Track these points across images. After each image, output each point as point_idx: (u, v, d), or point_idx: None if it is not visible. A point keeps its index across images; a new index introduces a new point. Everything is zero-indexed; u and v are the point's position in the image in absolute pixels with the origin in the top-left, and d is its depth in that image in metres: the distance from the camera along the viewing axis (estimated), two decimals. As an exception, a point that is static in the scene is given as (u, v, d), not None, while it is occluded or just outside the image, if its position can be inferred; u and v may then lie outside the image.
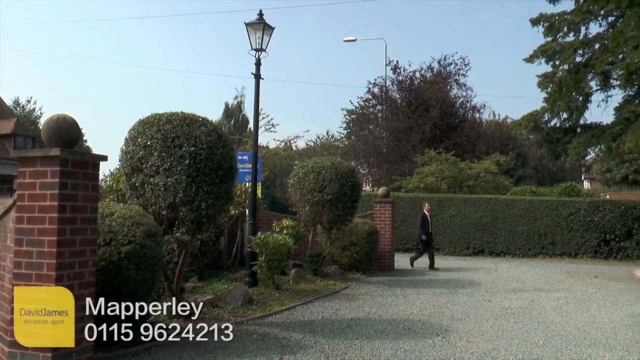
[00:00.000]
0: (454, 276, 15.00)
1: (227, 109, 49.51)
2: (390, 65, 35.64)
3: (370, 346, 6.81)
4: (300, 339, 7.11)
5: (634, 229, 21.31)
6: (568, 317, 9.18)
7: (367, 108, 37.70)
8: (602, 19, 16.41)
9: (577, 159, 16.95)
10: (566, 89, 15.95)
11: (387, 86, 35.72)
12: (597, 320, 8.98)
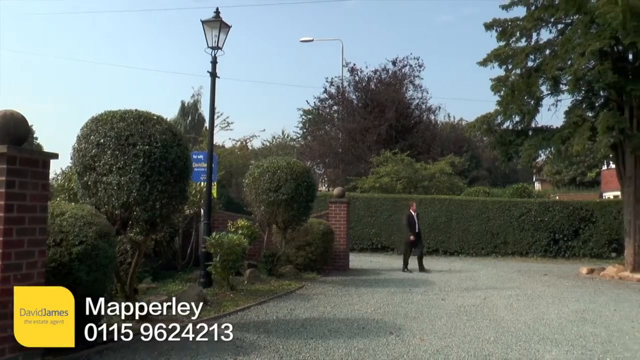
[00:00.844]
0: (409, 275, 15.17)
1: (183, 107, 48.93)
2: (347, 66, 35.88)
3: (324, 346, 6.82)
4: (255, 339, 7.07)
5: (580, 229, 22.03)
6: (518, 314, 9.41)
7: (324, 108, 37.82)
8: (552, 26, 16.78)
9: (528, 161, 17.29)
10: (518, 93, 16.24)
11: (343, 87, 35.97)
12: (545, 317, 9.23)
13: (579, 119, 15.66)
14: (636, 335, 7.97)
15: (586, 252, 21.88)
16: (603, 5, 13.57)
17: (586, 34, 14.73)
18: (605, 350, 7.03)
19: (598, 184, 40.59)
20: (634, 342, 7.56)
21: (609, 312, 9.96)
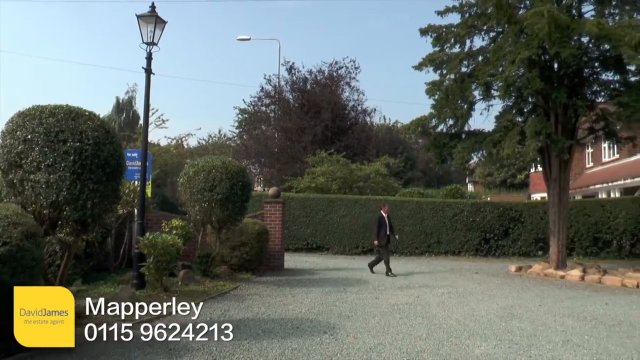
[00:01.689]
0: (343, 275, 15.29)
1: (117, 103, 47.69)
2: (285, 65, 35.97)
3: (258, 346, 6.80)
4: (188, 341, 6.90)
5: (510, 229, 22.88)
6: (450, 311, 9.68)
7: (260, 107, 37.73)
8: (484, 33, 17.23)
9: (461, 163, 17.70)
10: (452, 97, 16.63)
11: (280, 86, 35.99)
12: (475, 313, 9.55)
13: (509, 124, 16.20)
14: (558, 329, 8.38)
15: (515, 250, 22.73)
16: (531, 17, 14.13)
17: (516, 43, 15.27)
18: (531, 343, 7.34)
19: (527, 185, 41.94)
20: (556, 334, 7.94)
21: (534, 307, 10.41)
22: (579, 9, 16.33)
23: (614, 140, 18.29)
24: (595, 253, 22.37)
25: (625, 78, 16.17)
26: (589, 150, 33.83)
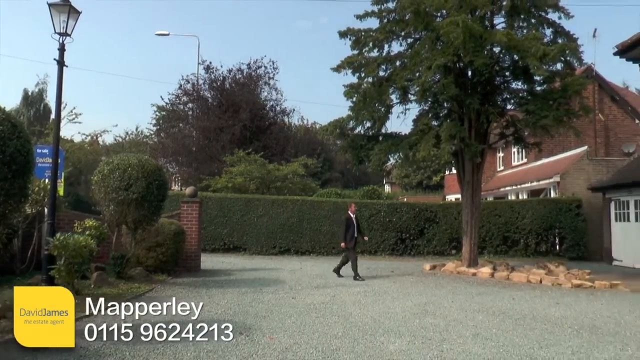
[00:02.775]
0: (260, 275, 15.26)
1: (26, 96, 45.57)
2: (203, 64, 35.57)
3: (172, 350, 6.69)
4: (100, 347, 6.69)
5: (425, 229, 23.58)
6: (366, 310, 9.88)
7: (178, 105, 37.12)
8: (402, 39, 17.55)
9: (378, 165, 17.99)
10: (370, 100, 16.91)
11: (199, 84, 35.55)
12: (390, 311, 9.80)
13: (425, 127, 16.66)
14: (469, 324, 8.77)
15: (430, 249, 23.43)
16: (447, 25, 14.61)
17: (433, 50, 15.75)
18: (443, 338, 7.63)
19: (442, 187, 43.18)
20: (467, 329, 8.30)
21: (447, 304, 10.82)
22: (492, 20, 17.01)
23: (522, 145, 19.26)
24: (505, 251, 23.43)
25: (532, 87, 17.06)
26: (500, 154, 35.32)
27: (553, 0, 16.04)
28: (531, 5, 16.09)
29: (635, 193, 19.18)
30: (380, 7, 17.18)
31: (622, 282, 14.46)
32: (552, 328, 8.65)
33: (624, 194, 20.65)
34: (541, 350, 7.11)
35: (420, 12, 15.62)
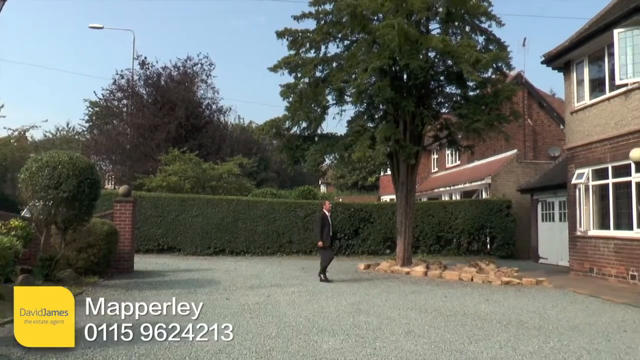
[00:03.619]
0: (195, 276, 15.06)
1: (-56, 88, 43.60)
2: (138, 59, 34.84)
3: (103, 355, 6.50)
4: (23, 355, 6.27)
5: (360, 228, 23.87)
6: (300, 309, 9.90)
7: (112, 101, 36.22)
8: (339, 41, 17.71)
9: (314, 165, 18.07)
10: (306, 101, 16.97)
11: (134, 80, 34.79)
12: (324, 310, 9.87)
13: (360, 129, 16.87)
14: (402, 321, 8.94)
15: (365, 249, 23.74)
16: (383, 28, 14.84)
17: (369, 52, 15.95)
18: (376, 336, 7.75)
19: (377, 188, 43.64)
20: (400, 327, 8.46)
21: (380, 302, 10.98)
22: (427, 25, 17.36)
23: (455, 147, 19.79)
24: (438, 250, 24.02)
25: (465, 92, 17.56)
26: (435, 156, 36.10)
27: (485, 9, 16.53)
28: (465, 12, 16.52)
29: (560, 194, 20.00)
30: (318, 9, 17.26)
31: (546, 279, 15.12)
32: (482, 324, 8.94)
33: (550, 195, 21.53)
34: (471, 345, 7.33)
35: (357, 15, 15.77)
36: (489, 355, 6.86)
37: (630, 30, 14.21)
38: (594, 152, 16.00)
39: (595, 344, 7.65)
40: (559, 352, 7.11)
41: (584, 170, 16.44)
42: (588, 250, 16.33)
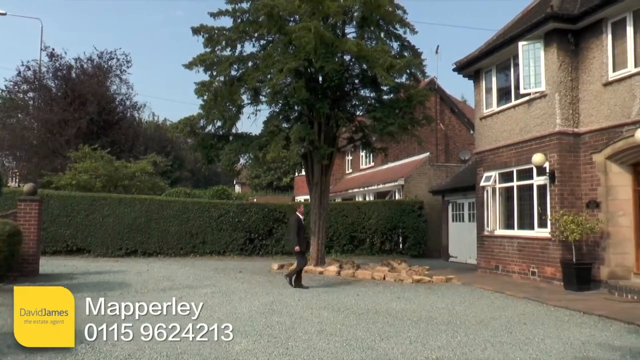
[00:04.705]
0: (105, 279, 14.61)
1: None
2: (46, 50, 33.37)
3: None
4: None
5: (274, 229, 23.89)
6: (212, 311, 9.77)
7: (17, 94, 34.39)
8: (255, 40, 17.65)
9: (228, 165, 17.92)
10: (221, 99, 16.79)
11: (41, 72, 33.25)
12: (237, 311, 9.82)
13: (275, 129, 16.87)
14: (314, 320, 9.03)
15: (279, 249, 23.76)
16: (299, 30, 14.92)
17: (285, 53, 15.99)
18: (289, 336, 7.80)
19: (292, 188, 43.88)
20: (312, 326, 8.56)
21: (293, 303, 11.04)
22: (343, 29, 17.57)
23: (369, 149, 20.15)
24: (351, 250, 24.39)
25: (379, 95, 17.93)
26: (349, 157, 36.67)
27: (399, 16, 16.94)
28: (380, 18, 16.85)
29: (469, 196, 20.81)
30: (235, 7, 17.13)
31: (455, 277, 15.71)
32: (393, 321, 9.17)
33: (460, 197, 22.36)
34: (382, 342, 7.50)
35: (274, 15, 15.79)
36: (399, 351, 7.05)
37: (533, 43, 15.03)
38: (501, 156, 16.75)
39: (499, 337, 8.07)
40: (466, 346, 7.42)
41: (491, 173, 17.17)
42: (494, 248, 17.08)
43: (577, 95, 14.57)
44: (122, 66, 35.27)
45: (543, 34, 14.85)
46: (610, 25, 13.70)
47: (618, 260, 13.52)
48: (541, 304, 11.47)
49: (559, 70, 14.53)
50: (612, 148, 13.52)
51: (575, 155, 14.48)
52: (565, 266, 13.69)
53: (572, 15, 14.22)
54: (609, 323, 9.41)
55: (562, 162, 14.41)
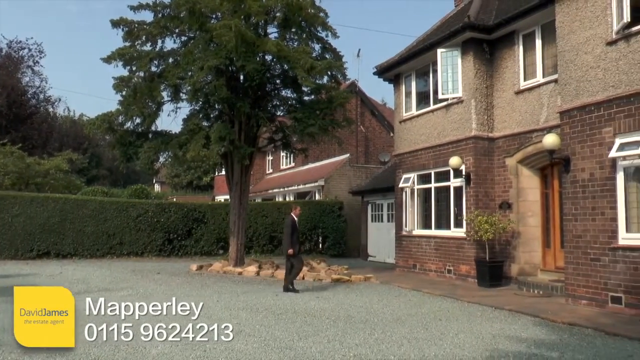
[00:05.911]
0: (13, 282, 13.79)
1: None
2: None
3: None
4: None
5: (193, 229, 23.59)
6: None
7: None
8: (177, 36, 17.38)
9: (147, 163, 17.59)
10: (140, 95, 16.42)
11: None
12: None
13: (195, 127, 16.65)
14: (233, 322, 8.88)
15: (198, 250, 23.50)
16: (220, 28, 14.80)
17: (206, 50, 15.79)
18: (207, 338, 7.67)
19: (212, 187, 43.45)
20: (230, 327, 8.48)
21: (212, 304, 10.88)
22: (265, 29, 17.49)
23: (290, 150, 20.19)
24: (271, 250, 24.40)
25: (300, 96, 18.00)
26: (270, 157, 36.61)
27: (322, 19, 17.06)
28: (302, 20, 16.91)
29: (389, 197, 21.24)
30: (156, 1, 16.80)
31: (374, 276, 15.99)
32: (312, 320, 9.24)
33: (379, 197, 22.78)
34: (300, 342, 7.54)
35: (195, 12, 15.59)
36: (317, 350, 7.11)
37: (451, 50, 15.54)
38: (419, 158, 17.18)
39: (415, 333, 8.28)
40: (383, 343, 7.57)
41: (410, 175, 17.58)
42: (412, 248, 17.50)
43: (492, 101, 15.18)
44: (35, 57, 33.89)
45: (460, 42, 15.37)
46: (522, 37, 14.42)
47: (527, 258, 14.22)
48: (456, 300, 11.88)
49: (475, 77, 15.07)
50: (523, 152, 14.19)
51: (489, 159, 15.08)
52: (479, 264, 14.23)
53: (488, 25, 14.82)
54: (517, 317, 9.89)
55: (478, 165, 14.96)
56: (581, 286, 10.71)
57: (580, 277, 10.72)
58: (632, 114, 9.84)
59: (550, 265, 13.96)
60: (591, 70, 10.73)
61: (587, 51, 10.84)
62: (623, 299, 9.87)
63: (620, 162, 10.09)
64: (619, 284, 9.95)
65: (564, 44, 11.43)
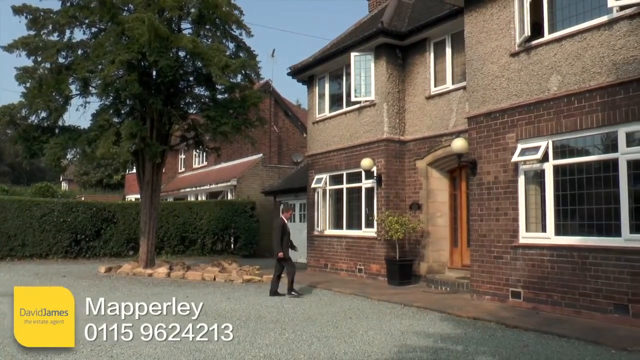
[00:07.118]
0: None
1: None
2: None
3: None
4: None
5: (102, 229, 22.85)
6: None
7: None
8: (86, 27, 16.79)
9: (53, 160, 16.83)
10: (47, 88, 15.76)
11: None
12: (58, 319, 9.29)
13: (105, 123, 16.13)
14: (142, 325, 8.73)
15: (107, 251, 22.81)
16: (132, 21, 14.44)
17: (117, 44, 15.34)
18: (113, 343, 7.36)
19: (123, 186, 42.31)
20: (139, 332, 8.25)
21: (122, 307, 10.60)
22: (179, 25, 17.18)
23: (202, 148, 19.94)
24: (182, 251, 24.03)
25: (214, 95, 17.77)
26: (182, 156, 36.01)
27: (236, 17, 16.98)
28: (217, 17, 16.75)
29: (301, 197, 21.36)
30: (64, -11, 16.16)
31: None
32: (222, 321, 9.12)
33: (292, 197, 22.87)
34: (210, 344, 7.45)
35: (107, 3, 15.17)
36: (227, 352, 7.09)
37: (364, 54, 15.85)
38: (332, 159, 17.40)
39: (325, 331, 8.43)
40: (293, 342, 7.64)
41: (322, 175, 17.77)
42: (324, 248, 17.71)
43: (404, 106, 15.60)
44: None
45: (374, 46, 15.71)
46: (433, 44, 14.95)
47: (435, 257, 14.73)
48: (366, 298, 12.15)
49: (388, 81, 15.43)
50: (432, 155, 14.68)
51: (400, 161, 15.49)
52: (389, 263, 14.59)
53: (400, 32, 15.25)
54: (425, 313, 10.27)
55: (389, 167, 15.32)
56: (485, 282, 11.23)
57: (485, 274, 11.23)
58: (532, 122, 10.44)
59: (457, 263, 14.54)
60: (496, 79, 11.26)
61: (493, 61, 11.37)
62: (522, 293, 10.46)
63: (521, 166, 10.67)
64: (518, 280, 10.53)
65: (472, 53, 11.93)
